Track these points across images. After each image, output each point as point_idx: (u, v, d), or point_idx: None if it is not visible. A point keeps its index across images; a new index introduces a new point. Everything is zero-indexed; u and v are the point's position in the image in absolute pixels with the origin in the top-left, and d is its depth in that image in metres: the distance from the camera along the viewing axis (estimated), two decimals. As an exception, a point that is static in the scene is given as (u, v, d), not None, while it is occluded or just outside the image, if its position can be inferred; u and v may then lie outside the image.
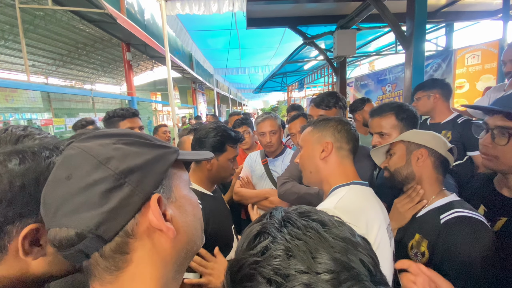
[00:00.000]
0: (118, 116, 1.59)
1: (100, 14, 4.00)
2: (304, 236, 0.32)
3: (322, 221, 0.35)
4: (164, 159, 0.43)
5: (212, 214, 1.12)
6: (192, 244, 0.48)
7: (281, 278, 0.29)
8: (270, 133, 1.88)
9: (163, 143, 0.46)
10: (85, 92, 4.82)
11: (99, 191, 0.36)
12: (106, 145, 0.40)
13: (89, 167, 0.37)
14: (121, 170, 0.37)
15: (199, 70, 10.56)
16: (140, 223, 0.39)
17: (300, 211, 0.38)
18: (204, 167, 1.20)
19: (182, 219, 0.45)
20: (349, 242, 0.33)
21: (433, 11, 4.32)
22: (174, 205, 0.45)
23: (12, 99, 10.22)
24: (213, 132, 1.20)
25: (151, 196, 0.40)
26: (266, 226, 0.35)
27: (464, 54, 4.37)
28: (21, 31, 3.59)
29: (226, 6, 4.23)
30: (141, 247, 0.40)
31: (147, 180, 0.40)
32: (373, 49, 7.59)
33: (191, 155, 0.54)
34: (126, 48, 5.98)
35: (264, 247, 0.32)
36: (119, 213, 0.37)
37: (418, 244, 0.92)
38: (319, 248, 0.31)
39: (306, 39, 4.75)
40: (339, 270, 0.29)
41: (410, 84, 2.62)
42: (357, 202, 0.83)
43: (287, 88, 13.87)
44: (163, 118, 16.00)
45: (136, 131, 0.47)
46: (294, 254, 0.31)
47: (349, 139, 0.95)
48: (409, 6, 2.55)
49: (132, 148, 0.41)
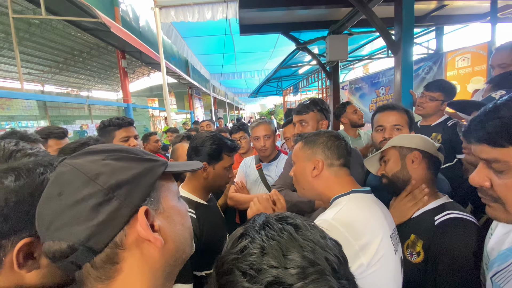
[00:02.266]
0: (113, 125, 1.59)
1: (94, 23, 4.03)
2: (278, 237, 0.37)
3: (296, 225, 0.40)
4: (151, 172, 0.46)
5: (206, 224, 1.13)
6: (180, 252, 0.50)
7: (255, 271, 0.34)
8: (264, 137, 1.91)
9: (151, 157, 0.48)
10: (81, 100, 4.83)
11: (89, 205, 0.39)
12: (95, 161, 0.42)
13: (79, 183, 0.40)
14: (110, 185, 0.40)
15: (195, 75, 10.61)
16: (129, 234, 0.42)
17: (280, 216, 0.43)
18: (200, 175, 1.21)
19: (170, 229, 0.47)
20: (317, 243, 0.37)
21: (423, 15, 4.40)
22: (162, 216, 0.47)
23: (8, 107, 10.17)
24: (210, 140, 1.22)
25: (139, 209, 0.42)
26: (248, 229, 0.41)
27: (454, 57, 4.45)
28: (15, 40, 3.61)
29: (220, 13, 4.29)
30: (131, 257, 0.43)
31: (135, 193, 0.42)
32: (366, 53, 7.68)
33: (179, 166, 0.55)
34: (121, 55, 6.00)
35: (243, 246, 0.38)
36: (108, 225, 0.40)
37: (414, 244, 0.95)
38: (289, 247, 0.36)
39: (299, 45, 4.81)
40: (306, 265, 0.34)
41: (400, 88, 2.66)
42: (357, 213, 0.82)
43: (283, 92, 13.94)
44: (160, 124, 15.98)
45: (125, 146, 0.49)
46: (268, 252, 0.36)
47: (340, 155, 0.95)
48: (397, 11, 2.61)
49: (120, 163, 0.43)
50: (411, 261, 0.94)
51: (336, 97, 4.97)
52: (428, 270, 0.88)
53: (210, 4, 4.30)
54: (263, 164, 1.98)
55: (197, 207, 1.17)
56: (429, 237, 0.90)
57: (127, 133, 1.61)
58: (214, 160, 1.22)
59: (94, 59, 12.98)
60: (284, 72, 9.30)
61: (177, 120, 14.45)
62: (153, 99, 16.53)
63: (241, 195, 1.89)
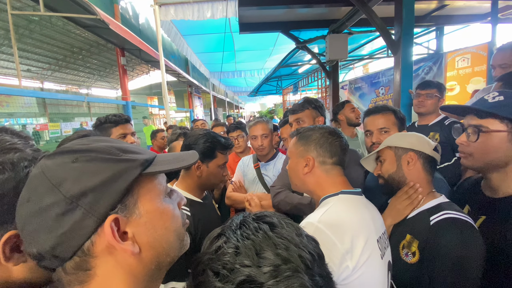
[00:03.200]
0: (110, 122, 1.58)
1: (93, 20, 4.01)
2: (252, 236, 0.38)
3: (272, 223, 0.40)
4: (124, 176, 0.42)
5: (201, 221, 1.12)
6: (164, 257, 0.47)
7: (227, 271, 0.35)
8: (261, 136, 1.90)
9: (129, 157, 0.44)
10: (80, 98, 4.81)
11: (52, 215, 0.37)
12: (64, 164, 0.40)
13: (43, 190, 0.38)
14: (73, 194, 0.38)
15: (195, 74, 10.59)
16: (97, 243, 0.40)
17: (257, 215, 0.43)
18: (194, 173, 1.20)
19: (148, 235, 0.44)
20: (292, 241, 0.38)
21: (423, 15, 4.39)
22: (138, 222, 0.44)
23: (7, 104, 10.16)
24: (203, 138, 1.21)
25: (106, 218, 0.39)
26: (224, 229, 0.41)
27: (454, 57, 4.44)
28: (13, 37, 3.60)
29: (220, 12, 4.27)
30: (103, 263, 0.41)
31: (101, 201, 0.39)
32: (366, 52, 7.68)
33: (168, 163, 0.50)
34: (121, 53, 5.98)
35: (218, 246, 0.38)
36: (73, 236, 0.38)
37: (409, 244, 0.94)
38: (263, 246, 0.36)
39: (298, 44, 4.81)
40: (279, 264, 0.34)
41: (399, 87, 2.66)
42: (342, 215, 0.80)
43: (282, 91, 13.93)
44: (159, 122, 15.98)
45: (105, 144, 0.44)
46: (241, 251, 0.36)
47: (333, 153, 0.93)
48: (397, 11, 2.60)
49: (90, 165, 0.40)
50: (407, 261, 0.93)
51: (335, 97, 4.96)
52: (423, 270, 0.87)
53: (210, 2, 4.28)
54: (261, 163, 1.97)
55: (192, 204, 1.16)
56: (425, 237, 0.88)
57: (124, 130, 1.60)
58: (208, 158, 1.21)
59: (93, 56, 12.98)
60: (284, 71, 9.30)
61: (176, 118, 14.45)
62: (153, 97, 16.52)
63: (239, 194, 1.89)
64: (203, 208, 1.22)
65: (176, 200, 0.53)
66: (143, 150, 0.48)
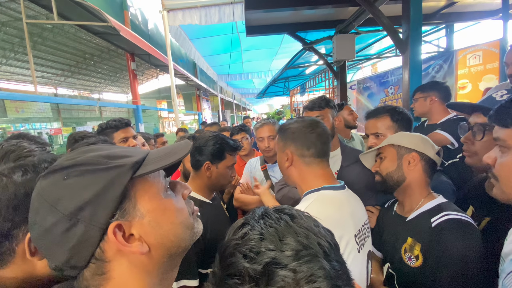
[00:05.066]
0: (111, 127, 1.61)
1: (104, 27, 4.13)
2: (275, 225, 0.41)
3: (292, 215, 0.44)
4: (116, 183, 0.42)
5: (210, 222, 1.15)
6: (175, 248, 0.49)
7: (254, 254, 0.38)
8: (268, 138, 1.92)
9: (117, 163, 0.44)
10: (91, 102, 4.95)
11: (58, 232, 0.39)
12: (57, 182, 0.41)
13: (44, 211, 0.40)
14: (71, 211, 0.39)
15: (203, 77, 10.70)
16: (107, 249, 0.42)
17: (277, 208, 0.47)
18: (204, 174, 1.23)
19: (154, 233, 0.46)
20: (311, 230, 0.41)
21: (432, 13, 4.32)
22: (141, 223, 0.45)
23: (23, 110, 10.50)
24: (213, 140, 1.25)
25: (108, 226, 0.41)
26: (248, 219, 0.45)
27: (466, 54, 4.35)
28: (28, 45, 3.73)
29: (227, 16, 4.32)
30: (118, 266, 0.44)
31: (99, 212, 0.41)
32: (374, 52, 7.59)
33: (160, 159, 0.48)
34: (131, 58, 6.12)
35: (244, 233, 0.41)
36: (82, 247, 0.41)
37: (411, 247, 0.93)
38: (285, 233, 0.40)
39: (305, 45, 4.80)
40: (300, 249, 0.38)
41: (408, 87, 2.63)
42: (322, 212, 0.80)
43: (290, 92, 13.91)
44: (169, 125, 16.19)
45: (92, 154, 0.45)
46: (266, 237, 0.39)
47: (310, 145, 0.94)
48: (404, 10, 2.58)
49: (81, 180, 0.41)
50: (410, 265, 0.92)
51: (343, 97, 4.93)
52: (427, 273, 0.86)
53: (216, 6, 4.34)
54: (268, 165, 1.99)
55: (201, 205, 1.19)
56: (427, 240, 0.87)
57: (125, 134, 1.63)
58: (217, 159, 1.24)
59: (104, 62, 13.29)
60: (291, 72, 9.29)
61: (185, 121, 14.61)
62: (162, 101, 16.77)
63: (247, 196, 1.90)
64: (212, 209, 1.25)
65: (180, 191, 0.54)
66: (133, 152, 0.48)
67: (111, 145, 0.51)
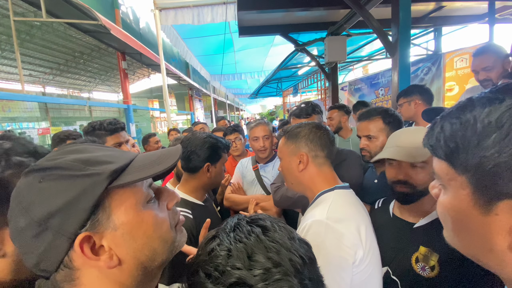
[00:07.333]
0: (105, 130, 1.51)
1: (94, 25, 4.07)
2: (245, 239, 0.39)
3: (265, 227, 0.41)
4: (89, 193, 0.40)
5: (202, 224, 1.14)
6: (149, 263, 0.46)
7: (219, 273, 0.36)
8: (263, 137, 1.92)
9: (95, 170, 0.41)
10: (81, 102, 4.86)
11: (29, 235, 0.39)
12: (32, 185, 0.40)
13: (17, 212, 0.40)
14: (40, 217, 0.38)
15: (195, 76, 10.64)
16: (74, 258, 0.41)
17: (252, 218, 0.44)
18: (203, 176, 1.25)
19: (127, 247, 0.43)
20: (283, 244, 0.39)
21: (421, 16, 4.42)
22: (113, 235, 0.42)
23: (9, 109, 10.21)
24: (209, 142, 1.27)
25: (76, 237, 0.39)
26: (219, 232, 0.43)
27: (453, 57, 4.47)
28: (16, 43, 3.65)
29: (220, 16, 4.31)
30: (87, 274, 0.42)
31: (69, 221, 0.39)
32: (365, 54, 7.70)
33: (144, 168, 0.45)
34: (122, 57, 6.04)
35: (212, 249, 0.39)
36: (50, 254, 0.40)
37: (426, 258, 0.88)
38: (255, 249, 0.37)
39: (297, 46, 4.84)
40: (269, 267, 0.36)
41: (397, 89, 2.68)
42: (345, 209, 0.84)
43: (282, 93, 13.96)
44: (161, 125, 16.02)
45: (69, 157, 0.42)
46: (233, 254, 0.37)
47: (323, 146, 0.95)
48: (394, 13, 2.63)
49: (54, 185, 0.39)
50: (423, 275, 0.87)
51: (335, 98, 4.98)
52: (444, 285, 0.83)
53: (209, 6, 4.32)
54: (259, 165, 1.99)
55: (194, 207, 1.19)
56: (448, 251, 0.74)
57: (119, 139, 1.54)
58: (216, 159, 1.27)
59: (94, 60, 13.03)
60: (284, 73, 9.33)
61: (177, 121, 14.49)
62: (154, 100, 16.58)
63: (238, 196, 1.90)
64: (204, 211, 1.25)
65: (165, 201, 0.51)
66: (117, 157, 0.45)
67: (97, 147, 0.47)
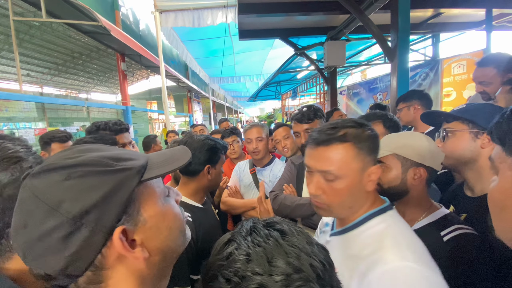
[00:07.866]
0: (110, 130, 1.50)
1: (94, 26, 4.06)
2: (264, 243, 0.37)
3: (283, 231, 0.40)
4: (124, 187, 0.40)
5: (202, 227, 1.14)
6: (171, 253, 0.48)
7: (239, 278, 0.34)
8: (256, 139, 1.91)
9: (125, 165, 0.42)
10: (79, 102, 4.83)
11: (58, 237, 0.36)
12: (56, 183, 0.37)
13: (42, 214, 0.36)
14: (75, 214, 0.36)
15: (194, 79, 10.64)
16: (108, 255, 0.40)
17: (267, 221, 0.43)
18: (204, 178, 1.24)
19: (155, 239, 0.45)
20: (303, 249, 0.37)
21: (419, 23, 4.46)
22: (144, 228, 0.43)
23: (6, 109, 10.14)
24: (208, 144, 1.27)
25: (114, 230, 0.39)
26: (235, 235, 0.41)
27: (451, 63, 4.50)
28: (15, 43, 3.63)
29: (220, 18, 4.33)
30: (115, 274, 0.41)
31: (106, 216, 0.38)
32: (364, 58, 7.76)
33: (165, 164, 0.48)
34: (121, 59, 6.03)
35: (229, 253, 0.38)
36: (83, 254, 0.37)
37: None
38: (275, 253, 0.36)
39: (297, 50, 4.86)
40: (290, 272, 0.34)
41: (396, 93, 2.69)
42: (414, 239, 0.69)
43: (281, 96, 14.01)
44: (159, 127, 15.98)
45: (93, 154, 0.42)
46: (253, 258, 0.36)
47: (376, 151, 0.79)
48: (393, 19, 2.65)
49: (86, 181, 0.38)
50: None
51: (334, 102, 5.00)
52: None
53: (209, 9, 4.33)
54: (257, 168, 1.98)
55: (193, 210, 1.18)
56: (439, 256, 0.74)
57: (123, 140, 1.54)
58: (215, 161, 1.27)
59: (93, 61, 13.02)
60: (283, 76, 9.35)
61: (175, 123, 14.46)
62: (152, 102, 16.55)
63: (235, 200, 1.89)
64: (204, 214, 1.24)
65: (174, 197, 0.53)
66: (135, 155, 0.47)
67: (108, 146, 0.48)
